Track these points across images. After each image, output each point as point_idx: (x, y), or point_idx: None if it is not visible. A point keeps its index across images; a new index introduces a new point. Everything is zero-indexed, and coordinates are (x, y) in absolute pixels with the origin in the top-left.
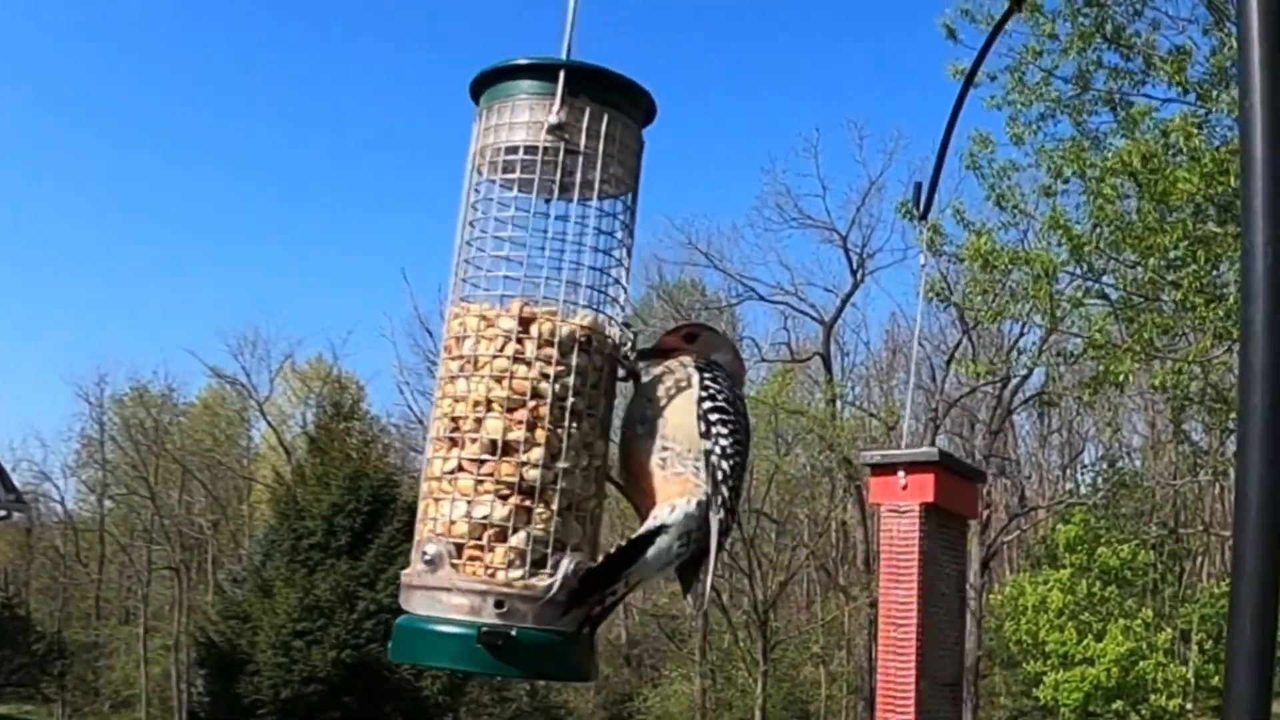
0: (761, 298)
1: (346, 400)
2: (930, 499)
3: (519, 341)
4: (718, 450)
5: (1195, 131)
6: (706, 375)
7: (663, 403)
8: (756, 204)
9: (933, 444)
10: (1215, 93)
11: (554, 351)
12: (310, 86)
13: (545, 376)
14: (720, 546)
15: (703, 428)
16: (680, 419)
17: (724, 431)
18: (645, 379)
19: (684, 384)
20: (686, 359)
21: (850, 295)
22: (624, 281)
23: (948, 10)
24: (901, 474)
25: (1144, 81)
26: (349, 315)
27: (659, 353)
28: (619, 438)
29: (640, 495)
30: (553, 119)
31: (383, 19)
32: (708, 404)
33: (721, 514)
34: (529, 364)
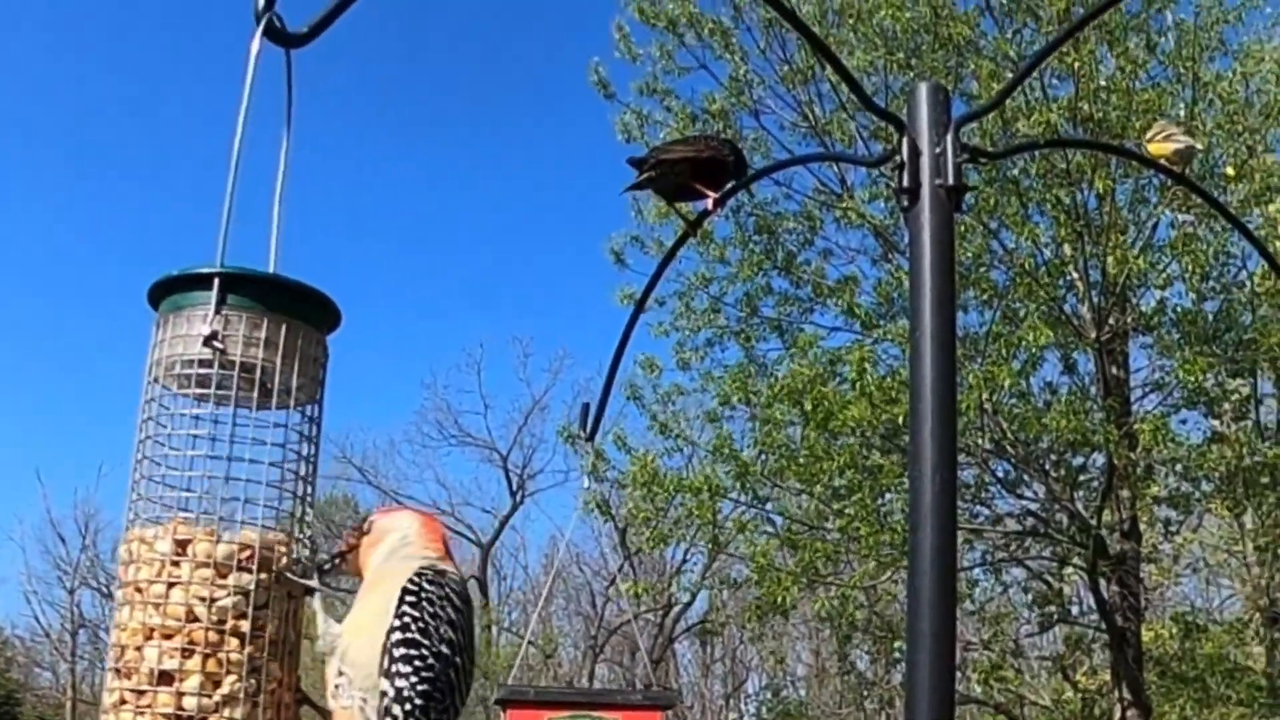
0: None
1: None
2: None
3: (175, 564)
4: (391, 692)
5: (866, 368)
6: (409, 599)
7: (352, 621)
8: (415, 419)
9: (592, 673)
10: (882, 322)
11: (211, 572)
12: None
13: (202, 599)
14: None
15: (385, 663)
16: (362, 645)
17: (407, 670)
18: (364, 587)
19: (385, 602)
20: (408, 567)
21: (509, 517)
22: (305, 495)
23: (615, 236)
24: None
25: (812, 309)
26: None
27: (341, 557)
28: None
29: None
30: (204, 329)
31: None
32: (397, 635)
33: None
34: (185, 587)
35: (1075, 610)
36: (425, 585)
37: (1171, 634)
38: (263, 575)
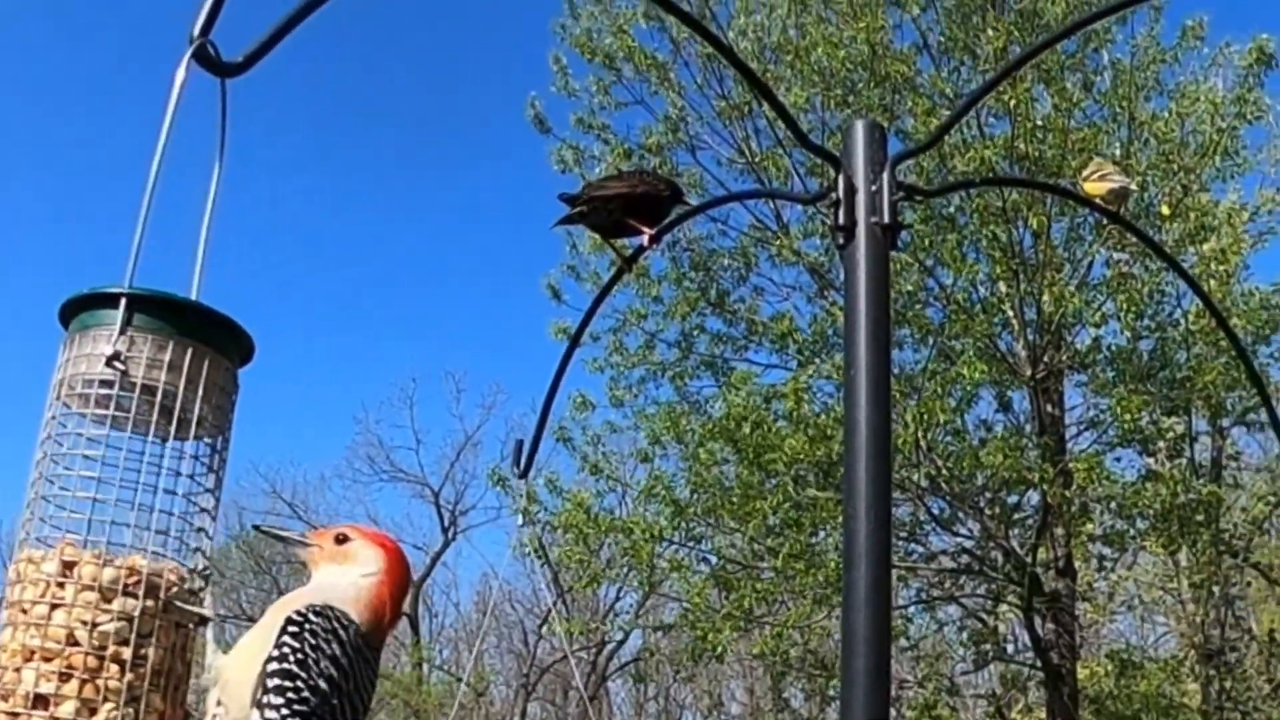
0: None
1: None
2: None
3: (60, 586)
4: None
5: (803, 398)
6: (292, 629)
7: (235, 651)
8: (347, 454)
9: (524, 712)
10: (817, 359)
11: (95, 596)
12: None
13: (84, 623)
14: None
15: (258, 693)
16: (240, 675)
17: (279, 702)
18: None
19: (268, 631)
20: (304, 600)
21: (441, 553)
22: (205, 526)
23: (552, 271)
24: None
25: (746, 346)
26: None
27: (302, 544)
28: None
29: None
30: (107, 349)
31: None
32: (274, 665)
33: None
34: (68, 610)
35: (1010, 648)
36: (312, 617)
37: (1107, 671)
38: (149, 602)
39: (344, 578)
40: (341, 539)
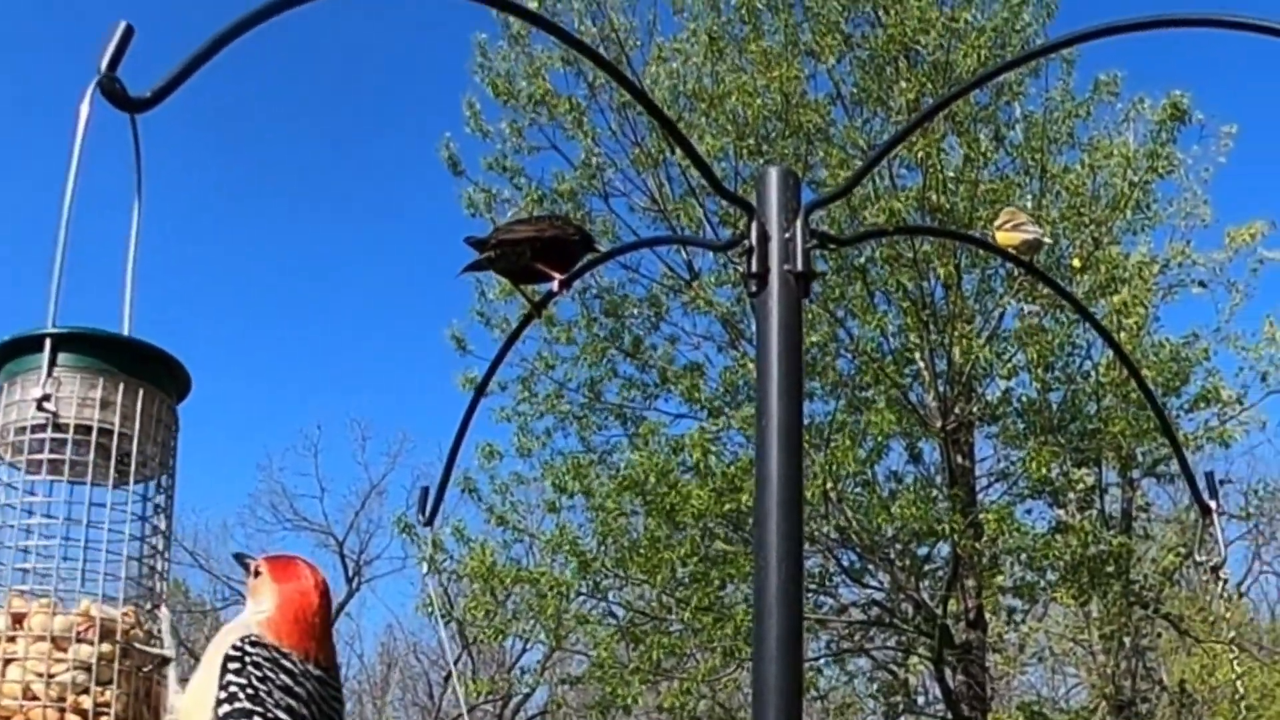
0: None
1: None
2: None
3: (10, 640)
4: None
5: (709, 448)
6: (232, 665)
7: (188, 693)
8: (249, 502)
9: None
10: (728, 410)
11: (48, 646)
12: None
13: (39, 675)
14: None
15: None
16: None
17: None
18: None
19: (210, 673)
20: (232, 636)
21: (345, 604)
22: (159, 566)
23: (456, 321)
24: None
25: (657, 395)
26: None
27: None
28: None
29: None
30: (36, 391)
31: None
32: (225, 707)
33: None
34: (21, 663)
35: (921, 700)
36: (249, 649)
37: None
38: (105, 647)
39: (246, 614)
40: (255, 572)
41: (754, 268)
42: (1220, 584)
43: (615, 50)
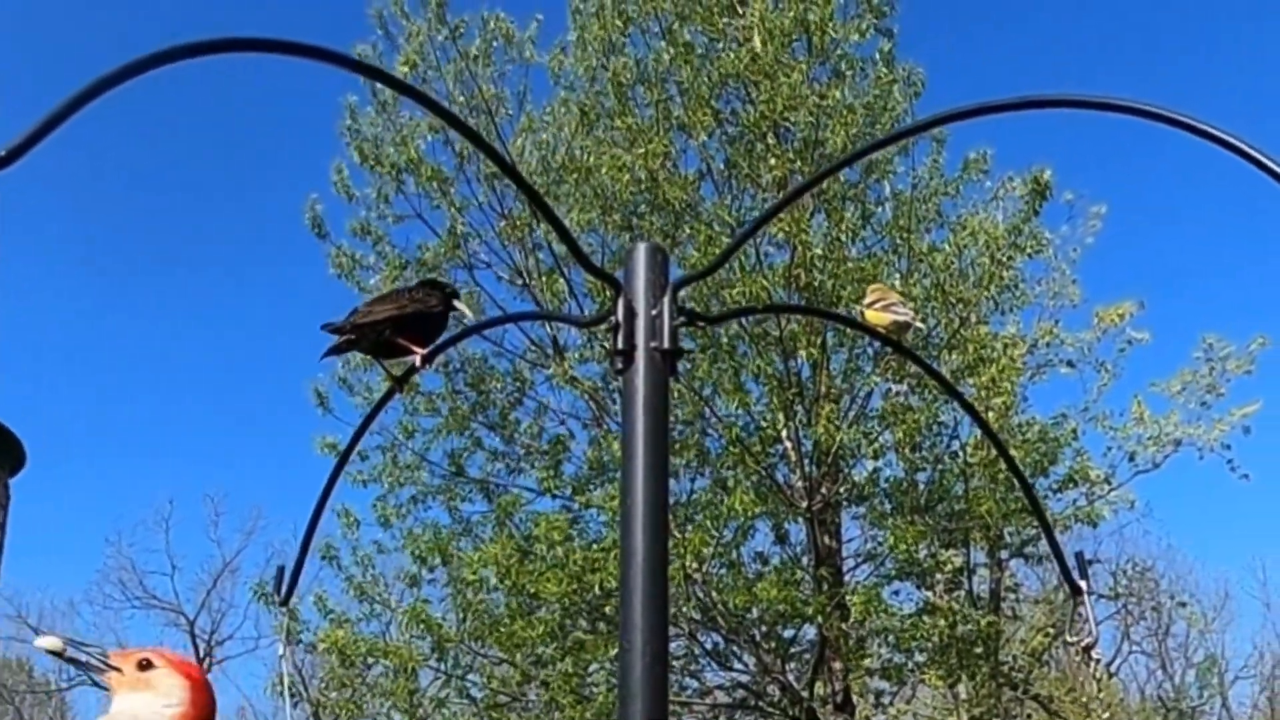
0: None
1: None
2: None
3: None
4: None
5: (560, 539)
6: None
7: None
8: (97, 578)
9: None
10: (592, 487)
11: None
12: None
13: None
14: None
15: None
16: None
17: None
18: None
19: None
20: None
21: None
22: None
23: (321, 376)
24: None
25: (521, 469)
26: None
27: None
28: None
29: None
30: None
31: None
32: None
33: None
34: None
35: None
36: None
37: None
38: None
39: (146, 708)
40: (145, 664)
41: (620, 344)
42: (1092, 664)
43: (484, 119)
